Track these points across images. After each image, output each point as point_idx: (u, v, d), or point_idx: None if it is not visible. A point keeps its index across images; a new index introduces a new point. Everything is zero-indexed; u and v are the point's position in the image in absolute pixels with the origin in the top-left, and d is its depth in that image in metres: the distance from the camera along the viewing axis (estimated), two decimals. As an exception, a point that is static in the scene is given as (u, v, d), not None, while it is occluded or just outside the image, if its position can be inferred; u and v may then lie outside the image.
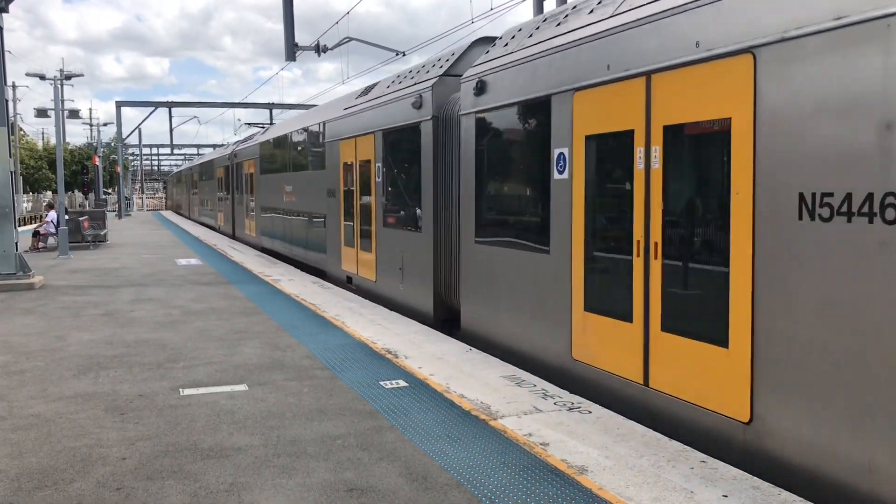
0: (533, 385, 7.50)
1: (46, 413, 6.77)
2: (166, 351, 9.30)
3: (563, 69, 7.63)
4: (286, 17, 21.19)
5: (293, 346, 9.49)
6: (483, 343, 9.47)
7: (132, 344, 9.73)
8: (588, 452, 5.66)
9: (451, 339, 9.85)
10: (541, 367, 8.17)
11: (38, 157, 79.69)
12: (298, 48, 21.81)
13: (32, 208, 68.27)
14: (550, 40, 8.03)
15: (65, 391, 7.50)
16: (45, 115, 47.14)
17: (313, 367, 8.39)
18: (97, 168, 51.00)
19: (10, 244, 15.22)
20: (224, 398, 7.19)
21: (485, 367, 8.29)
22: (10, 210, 15.23)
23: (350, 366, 8.45)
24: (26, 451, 5.80)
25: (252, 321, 11.31)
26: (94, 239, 26.28)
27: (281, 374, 8.08)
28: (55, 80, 26.72)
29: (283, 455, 5.66)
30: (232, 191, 31.30)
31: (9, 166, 15.10)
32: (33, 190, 79.18)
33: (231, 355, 9.02)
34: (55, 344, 9.79)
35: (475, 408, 6.79)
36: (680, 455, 5.58)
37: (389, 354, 8.97)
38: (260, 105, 53.11)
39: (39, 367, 8.51)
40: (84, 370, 8.37)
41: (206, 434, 6.15)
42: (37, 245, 25.02)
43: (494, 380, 7.72)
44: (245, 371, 8.25)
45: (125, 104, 53.17)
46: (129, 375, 8.10)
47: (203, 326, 10.91)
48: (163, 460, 5.57)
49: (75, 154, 79.73)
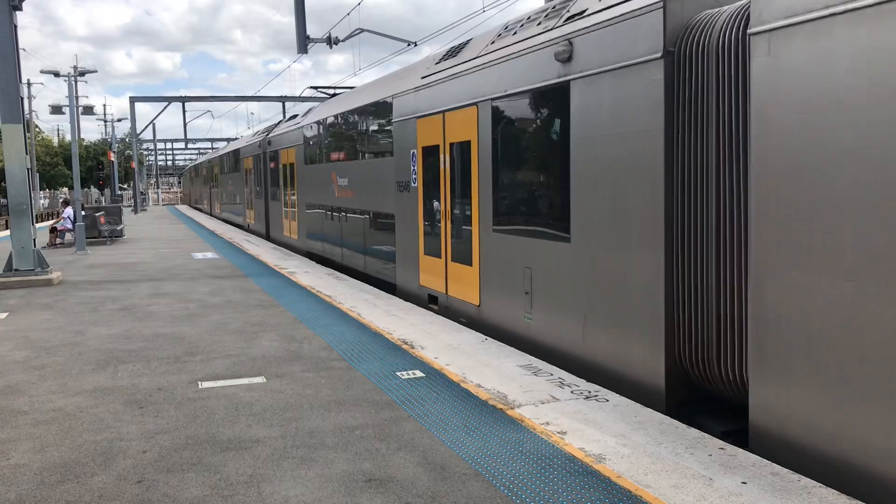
0: (550, 374, 7.49)
1: (67, 407, 6.83)
2: (184, 344, 9.36)
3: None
4: (298, 9, 21.18)
5: (310, 338, 9.52)
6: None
7: (150, 338, 9.80)
8: (606, 441, 5.65)
9: (466, 328, 9.84)
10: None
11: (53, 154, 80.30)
12: (311, 41, 21.80)
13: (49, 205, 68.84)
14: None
15: (85, 385, 7.57)
16: (59, 112, 47.49)
17: (330, 359, 8.42)
18: (112, 164, 51.26)
19: (28, 240, 15.34)
20: (242, 390, 7.24)
21: (501, 356, 8.29)
22: (28, 207, 15.35)
23: (366, 357, 8.48)
24: (48, 444, 5.86)
25: (269, 313, 11.36)
26: (110, 234, 26.45)
27: (298, 366, 8.12)
28: (69, 77, 26.84)
29: (301, 446, 5.69)
30: (265, 184, 27.08)
31: (25, 163, 15.21)
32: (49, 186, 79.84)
33: (248, 348, 9.07)
34: (74, 339, 9.88)
35: (492, 397, 6.79)
36: (698, 442, 5.56)
37: (405, 345, 8.99)
38: (272, 98, 53.12)
39: (59, 362, 8.59)
40: (103, 364, 8.44)
41: (225, 426, 6.19)
42: (54, 241, 25.21)
43: (511, 369, 7.72)
44: (262, 363, 8.30)
45: (139, 99, 53.34)
46: (148, 369, 8.16)
47: (220, 319, 10.97)
48: (182, 453, 5.62)
49: (90, 150, 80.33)
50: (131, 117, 53.00)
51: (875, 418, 4.59)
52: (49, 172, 77.75)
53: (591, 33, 7.44)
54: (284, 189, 23.22)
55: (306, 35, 21.48)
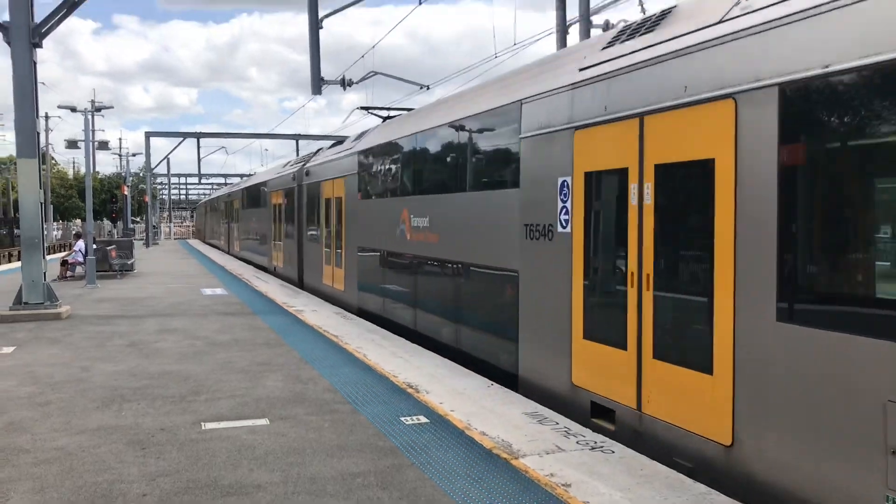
0: (555, 423, 7.42)
1: (69, 446, 6.80)
2: (189, 383, 9.33)
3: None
4: (312, 52, 21.50)
5: (315, 379, 9.48)
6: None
7: (156, 375, 9.78)
8: (611, 494, 5.57)
9: (473, 373, 9.78)
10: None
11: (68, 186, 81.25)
12: (324, 82, 22.08)
13: (62, 236, 69.44)
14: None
15: (88, 424, 7.54)
16: (75, 147, 48.03)
17: (334, 401, 8.37)
18: (126, 197, 51.74)
19: (39, 274, 15.43)
20: (245, 433, 7.19)
21: (506, 403, 8.23)
22: (40, 240, 15.46)
23: (371, 400, 8.43)
24: (48, 485, 5.82)
25: (275, 353, 11.33)
26: (121, 268, 26.57)
27: (302, 408, 8.07)
28: (85, 112, 27.24)
29: (302, 493, 5.63)
30: (299, 221, 23.06)
31: (39, 198, 15.37)
32: (63, 218, 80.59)
33: (253, 388, 9.03)
34: (80, 375, 9.87)
35: (496, 446, 6.73)
36: (704, 498, 5.47)
37: (410, 388, 8.93)
38: (286, 136, 53.77)
39: (64, 399, 8.57)
40: (108, 402, 8.42)
41: (227, 470, 6.14)
42: (65, 273, 25.34)
43: (516, 417, 7.65)
44: (267, 404, 8.25)
45: (154, 134, 54.07)
46: (152, 408, 8.13)
47: (226, 358, 10.95)
48: (183, 497, 5.57)
49: (104, 183, 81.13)
50: (146, 152, 53.62)
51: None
52: (63, 204, 78.58)
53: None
54: (327, 227, 19.37)
55: (320, 77, 21.76)
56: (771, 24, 5.58)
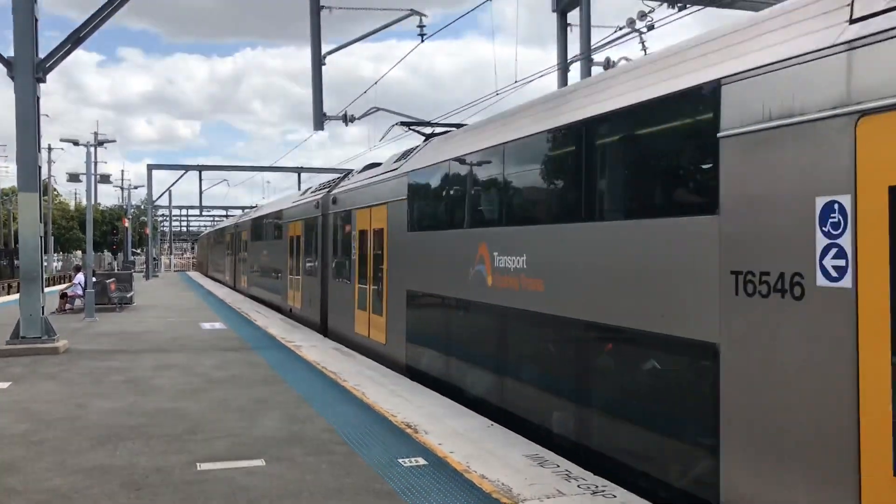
0: (556, 466, 7.32)
1: (62, 487, 6.69)
2: (185, 421, 9.23)
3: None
4: (315, 88, 21.67)
5: (312, 418, 9.38)
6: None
7: (152, 413, 9.68)
8: (612, 542, 5.46)
9: (472, 412, 9.68)
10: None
11: (69, 217, 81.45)
12: (327, 118, 22.22)
13: (62, 267, 69.44)
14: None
15: (82, 463, 7.44)
16: (76, 180, 48.23)
17: (332, 442, 8.27)
18: (126, 230, 51.83)
19: (37, 308, 15.36)
20: (241, 474, 7.08)
21: (507, 444, 8.12)
22: (39, 275, 15.42)
23: (369, 441, 8.32)
24: (40, 529, 5.72)
25: (273, 390, 11.23)
26: (120, 301, 26.50)
27: (299, 449, 7.97)
28: (88, 146, 27.37)
29: (298, 539, 5.52)
30: (323, 256, 19.91)
31: (39, 231, 15.36)
32: (64, 250, 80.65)
33: (250, 427, 8.93)
34: (76, 412, 9.76)
35: (496, 489, 6.62)
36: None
37: (409, 429, 8.83)
38: (289, 169, 54.07)
39: (58, 437, 8.47)
40: (103, 441, 8.31)
41: (222, 514, 6.04)
42: (63, 306, 25.27)
43: (516, 459, 7.55)
44: (263, 444, 8.15)
45: (157, 167, 54.34)
46: (147, 448, 8.03)
47: (223, 396, 10.84)
48: (176, 542, 5.46)
49: (106, 214, 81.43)
50: (148, 184, 53.82)
51: None
52: (64, 235, 78.70)
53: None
54: (361, 266, 16.00)
55: (323, 112, 21.90)
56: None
